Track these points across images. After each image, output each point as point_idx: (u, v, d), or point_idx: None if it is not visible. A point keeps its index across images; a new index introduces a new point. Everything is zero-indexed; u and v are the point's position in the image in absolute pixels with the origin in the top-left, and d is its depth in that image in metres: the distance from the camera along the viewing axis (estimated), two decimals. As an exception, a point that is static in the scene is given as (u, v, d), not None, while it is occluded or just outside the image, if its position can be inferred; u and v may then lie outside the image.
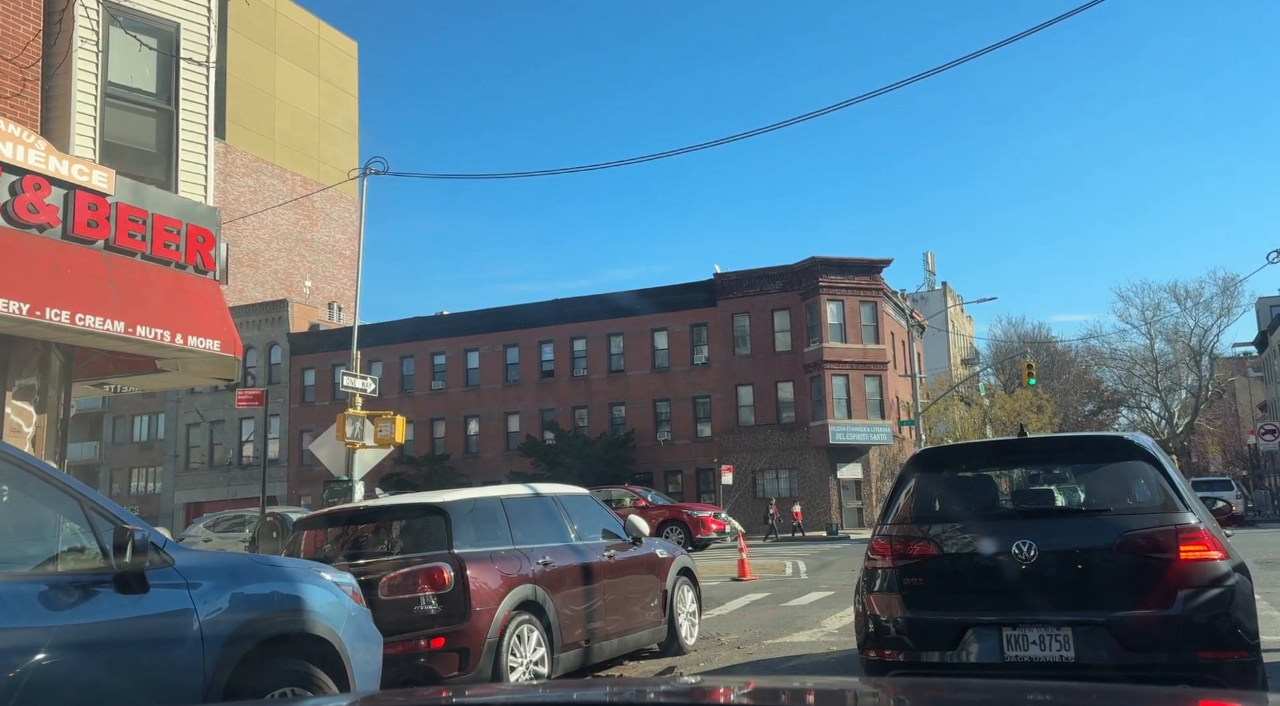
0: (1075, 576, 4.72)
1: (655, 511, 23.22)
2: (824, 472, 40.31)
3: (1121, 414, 76.38)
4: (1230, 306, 66.66)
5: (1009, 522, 5.10)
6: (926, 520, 5.22)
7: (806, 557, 19.74)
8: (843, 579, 14.49)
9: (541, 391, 46.23)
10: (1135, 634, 4.55)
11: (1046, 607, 4.65)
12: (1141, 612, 4.56)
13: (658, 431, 43.88)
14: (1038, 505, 5.42)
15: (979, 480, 5.67)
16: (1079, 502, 5.66)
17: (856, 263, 41.30)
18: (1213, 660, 4.47)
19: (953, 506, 5.33)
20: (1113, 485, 5.23)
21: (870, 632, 5.06)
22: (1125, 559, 4.66)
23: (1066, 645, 4.58)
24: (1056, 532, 4.90)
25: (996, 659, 4.68)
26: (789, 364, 41.43)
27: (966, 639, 4.74)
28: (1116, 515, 4.89)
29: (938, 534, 5.08)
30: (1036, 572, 4.69)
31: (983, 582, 4.84)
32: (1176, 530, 4.64)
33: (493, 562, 6.04)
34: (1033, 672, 4.61)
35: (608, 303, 45.37)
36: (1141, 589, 4.61)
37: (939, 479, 5.56)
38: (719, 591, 13.43)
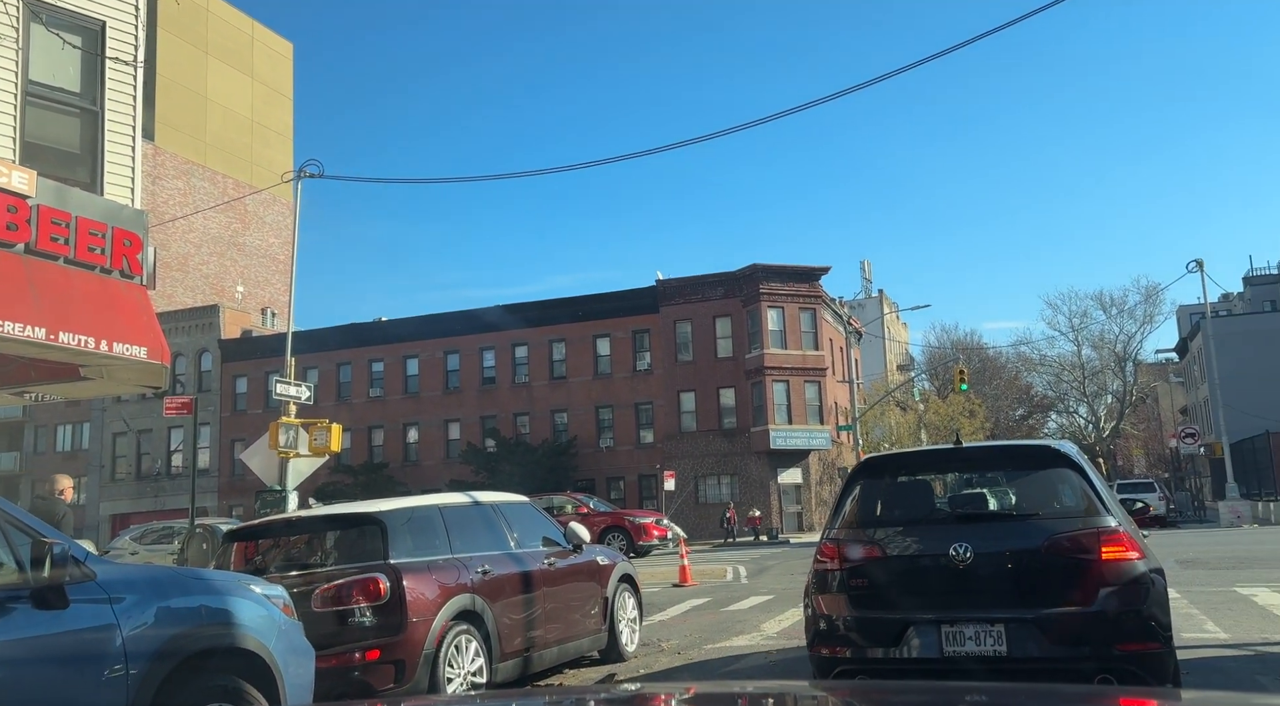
0: (1007, 576, 5.02)
1: (597, 518, 23.16)
2: (765, 477, 40.70)
3: (1051, 418, 78.61)
4: (1153, 314, 69.09)
5: (946, 526, 5.39)
6: (871, 524, 5.49)
7: (747, 562, 19.88)
8: (782, 583, 14.63)
9: (483, 398, 45.85)
10: (1061, 629, 4.86)
11: (981, 606, 4.96)
12: (1066, 609, 4.87)
13: (600, 438, 43.84)
14: (972, 510, 5.75)
15: (918, 486, 5.97)
16: (1010, 507, 5.96)
17: (796, 270, 41.85)
18: (1130, 652, 4.80)
19: (895, 511, 5.63)
20: (1041, 490, 5.55)
21: (819, 631, 5.33)
22: (1052, 559, 4.97)
23: (1000, 640, 4.87)
24: (989, 535, 5.18)
25: (936, 654, 4.97)
26: (730, 370, 41.77)
27: (908, 636, 5.03)
28: (1044, 519, 5.21)
29: (881, 537, 5.36)
30: (972, 573, 4.99)
31: (923, 583, 5.16)
32: (1098, 533, 4.98)
33: (430, 572, 5.97)
34: (969, 666, 4.89)
35: (550, 309, 45.23)
36: (1067, 587, 4.93)
37: (882, 485, 5.87)
38: (661, 597, 13.46)
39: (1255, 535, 21.42)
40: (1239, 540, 19.49)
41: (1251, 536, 20.76)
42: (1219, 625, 8.07)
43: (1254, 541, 18.64)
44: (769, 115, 40.00)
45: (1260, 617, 8.34)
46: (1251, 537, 20.21)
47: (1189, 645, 7.28)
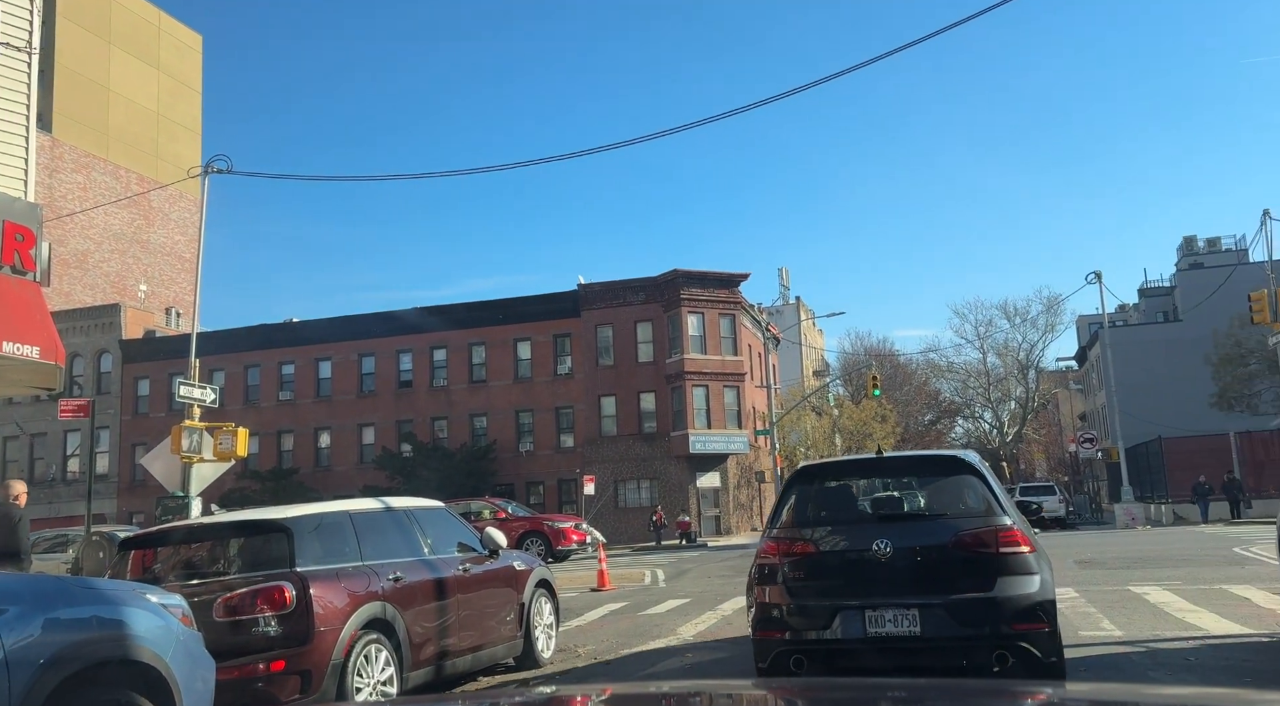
0: (920, 567, 5.79)
1: (516, 523, 22.94)
2: (684, 481, 40.96)
3: (958, 423, 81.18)
4: (1054, 324, 71.96)
5: (869, 525, 6.15)
6: (805, 524, 6.26)
7: (665, 566, 19.96)
8: (699, 586, 14.72)
9: (399, 402, 45.02)
10: (965, 612, 5.64)
11: (899, 593, 5.74)
12: (970, 595, 5.65)
13: (520, 442, 43.50)
14: (891, 511, 6.48)
15: (845, 490, 6.78)
16: (923, 508, 6.73)
17: (716, 276, 42.30)
18: (1023, 631, 5.57)
19: (825, 512, 6.43)
20: (948, 494, 6.36)
21: (761, 618, 6.03)
22: (958, 553, 5.78)
23: (914, 622, 5.66)
24: (906, 533, 5.97)
25: (860, 635, 5.73)
26: (651, 375, 41.94)
27: (837, 620, 5.79)
28: (951, 518, 6.02)
29: (814, 536, 6.13)
30: (891, 565, 5.78)
31: (850, 574, 5.91)
32: (997, 530, 5.78)
33: (339, 580, 5.81)
34: (888, 645, 5.71)
35: (470, 312, 44.72)
36: (970, 576, 5.70)
37: (814, 490, 6.66)
38: (578, 602, 13.39)
39: (1148, 536, 22.50)
40: (1133, 541, 20.44)
41: (1144, 538, 21.80)
42: (1114, 623, 8.42)
43: (1146, 542, 19.55)
44: (684, 124, 41.02)
45: (1152, 615, 8.74)
46: (1144, 539, 21.23)
47: (1087, 642, 7.58)
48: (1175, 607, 9.05)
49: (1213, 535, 20.47)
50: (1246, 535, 18.75)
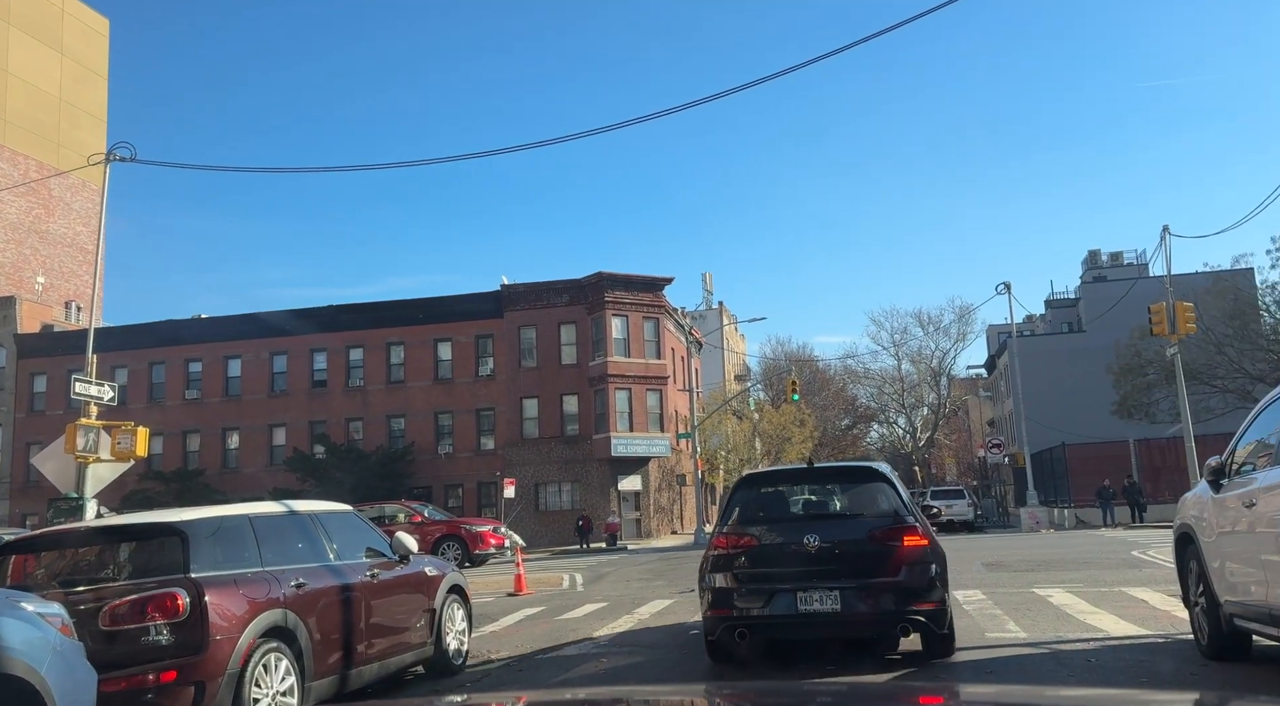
0: (841, 557, 6.92)
1: (432, 527, 22.48)
2: (605, 484, 40.84)
3: (873, 429, 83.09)
4: (965, 332, 74.39)
5: (800, 523, 7.48)
6: (749, 522, 7.40)
7: (584, 569, 19.80)
8: (617, 590, 14.62)
9: (312, 402, 43.82)
10: (876, 593, 6.82)
11: (824, 578, 6.85)
12: (879, 579, 6.84)
13: (439, 444, 42.78)
14: (818, 511, 7.86)
15: (781, 494, 8.03)
16: (844, 509, 7.84)
17: (641, 279, 42.35)
18: (921, 609, 6.78)
19: (764, 512, 7.62)
20: (864, 498, 7.53)
21: (712, 600, 7.15)
22: (871, 546, 6.97)
23: (835, 602, 6.79)
24: (829, 529, 7.16)
25: (792, 612, 6.85)
26: (574, 377, 41.73)
27: (774, 599, 6.90)
28: (866, 518, 7.23)
29: (756, 531, 7.27)
30: (818, 555, 6.92)
31: (784, 562, 7.02)
32: (902, 528, 7.00)
33: (237, 586, 5.53)
34: (814, 620, 6.85)
35: (388, 311, 43.83)
36: (880, 564, 6.89)
37: (756, 493, 7.87)
38: (494, 607, 13.17)
39: (1051, 540, 23.29)
40: (1037, 544, 21.09)
41: (1048, 541, 22.54)
42: (1019, 624, 8.62)
43: (1050, 545, 20.20)
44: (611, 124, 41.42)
45: (1055, 617, 8.98)
46: (1048, 542, 21.94)
47: (994, 644, 7.74)
48: (1077, 609, 9.32)
49: (1112, 539, 21.28)
50: (1144, 539, 19.57)
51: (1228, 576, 5.72)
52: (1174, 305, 21.81)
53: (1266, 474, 5.22)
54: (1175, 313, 21.67)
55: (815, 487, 8.53)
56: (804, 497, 8.44)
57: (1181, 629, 7.78)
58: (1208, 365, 33.84)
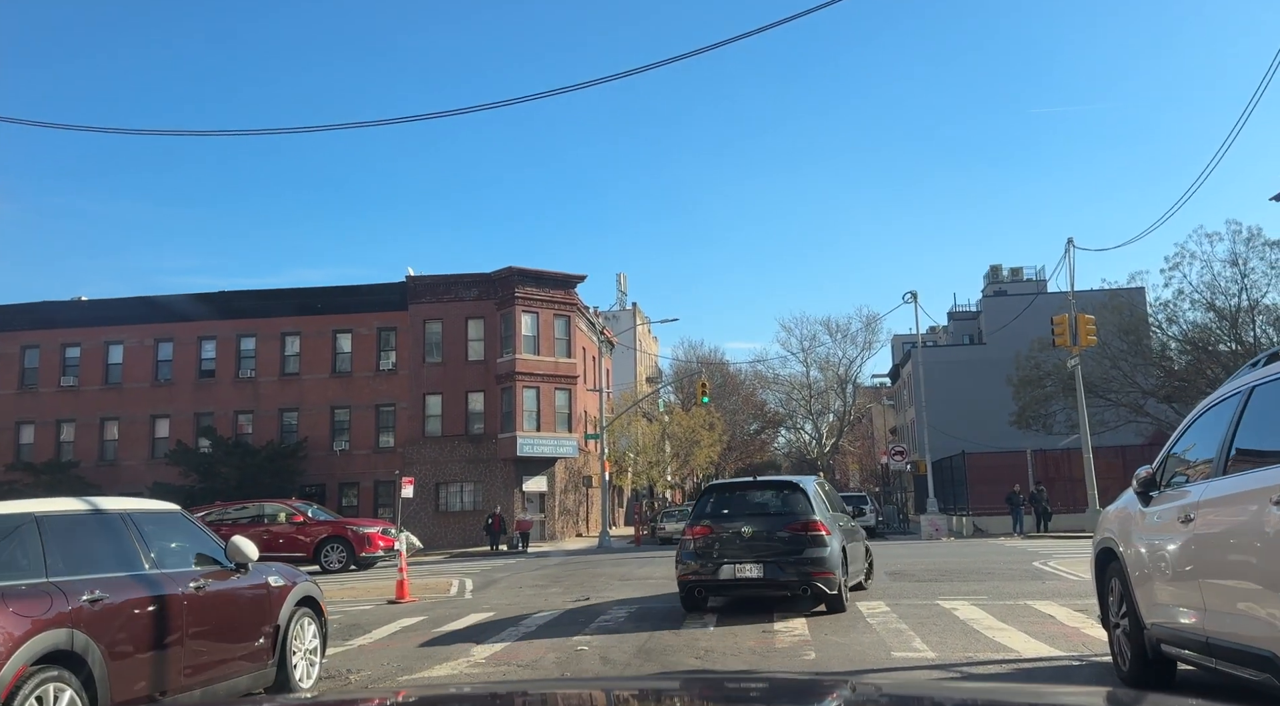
0: (768, 541, 10.38)
1: (315, 528, 21.10)
2: (510, 485, 39.73)
3: (781, 434, 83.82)
4: (871, 341, 75.67)
5: (741, 518, 10.74)
6: (709, 517, 10.94)
7: (476, 574, 18.79)
8: (507, 597, 13.72)
9: (199, 393, 41.48)
10: (789, 566, 10.17)
11: (753, 555, 10.35)
12: (791, 557, 10.20)
13: (335, 440, 40.99)
14: (754, 510, 11.02)
15: (732, 497, 11.42)
16: (771, 509, 10.99)
17: (553, 276, 41.39)
18: (818, 576, 10.08)
19: (720, 509, 11.08)
20: (788, 502, 10.89)
21: (682, 568, 10.72)
22: (786, 533, 10.38)
23: (759, 571, 10.25)
24: (759, 522, 10.61)
25: (731, 577, 10.33)
26: (481, 374, 40.50)
27: (722, 569, 10.36)
28: (786, 515, 10.65)
29: (712, 523, 10.75)
30: (752, 540, 10.43)
31: (728, 544, 10.48)
32: (809, 522, 10.34)
33: (4, 602, 4.49)
34: (744, 583, 10.37)
35: (285, 299, 41.82)
36: (791, 546, 10.26)
37: (716, 495, 11.53)
38: (370, 616, 12.12)
39: (952, 548, 23.16)
40: (939, 553, 20.91)
41: (949, 549, 22.37)
42: (926, 642, 8.09)
43: (952, 554, 20.03)
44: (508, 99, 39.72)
45: (963, 634, 8.49)
46: (949, 550, 21.77)
47: (901, 665, 7.16)
48: (985, 625, 8.87)
49: (1013, 549, 21.26)
50: (1044, 549, 19.60)
51: (1156, 598, 5.22)
52: (1076, 317, 22.07)
53: (1206, 485, 4.70)
54: (1077, 325, 21.91)
55: (755, 494, 11.41)
56: (747, 499, 11.30)
57: (1095, 649, 7.36)
58: (1103, 379, 34.79)
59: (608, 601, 12.45)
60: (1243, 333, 32.50)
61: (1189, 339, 33.52)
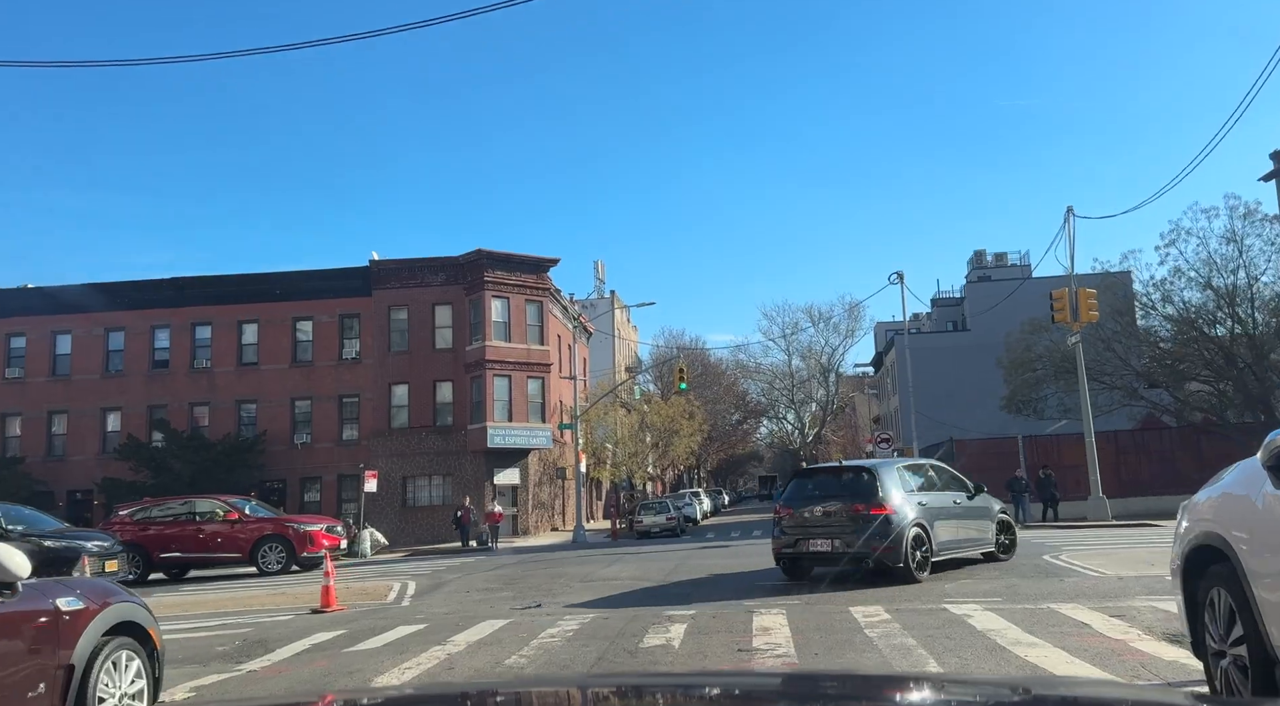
0: (837, 520, 12.16)
1: (252, 525, 19.23)
2: (480, 478, 37.95)
3: (763, 424, 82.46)
4: (854, 329, 74.41)
5: (817, 499, 12.66)
6: (792, 498, 13.06)
7: (426, 575, 17.03)
8: (449, 605, 11.98)
9: (152, 384, 39.39)
10: (856, 541, 11.74)
11: (825, 532, 12.20)
12: (857, 534, 11.76)
13: (295, 433, 39.01)
14: (826, 492, 12.67)
15: (813, 480, 13.40)
16: (841, 491, 12.44)
17: (524, 259, 39.55)
18: (877, 551, 11.58)
19: (802, 491, 13.10)
20: (857, 484, 12.40)
21: (776, 543, 12.87)
22: (855, 513, 11.97)
23: (830, 545, 12.09)
24: (834, 503, 12.36)
25: (806, 551, 12.37)
26: (449, 362, 38.65)
27: (799, 543, 12.41)
28: (855, 497, 12.16)
29: (795, 504, 12.82)
30: (823, 519, 12.35)
31: (806, 522, 12.45)
32: (869, 504, 12.00)
33: None
34: (820, 555, 12.41)
35: (241, 285, 39.75)
36: (858, 525, 11.85)
37: (801, 480, 13.66)
38: (281, 630, 10.37)
39: None
40: None
41: None
42: (943, 664, 6.43)
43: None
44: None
45: (987, 651, 6.80)
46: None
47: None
48: (1011, 639, 7.21)
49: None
50: (1050, 540, 17.94)
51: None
52: (1076, 292, 20.48)
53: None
54: (1078, 300, 20.33)
55: (833, 478, 12.91)
56: (825, 482, 12.90)
57: (1161, 673, 5.74)
58: (1096, 361, 33.33)
59: (561, 608, 10.77)
60: (1240, 311, 31.14)
61: (1184, 319, 32.13)
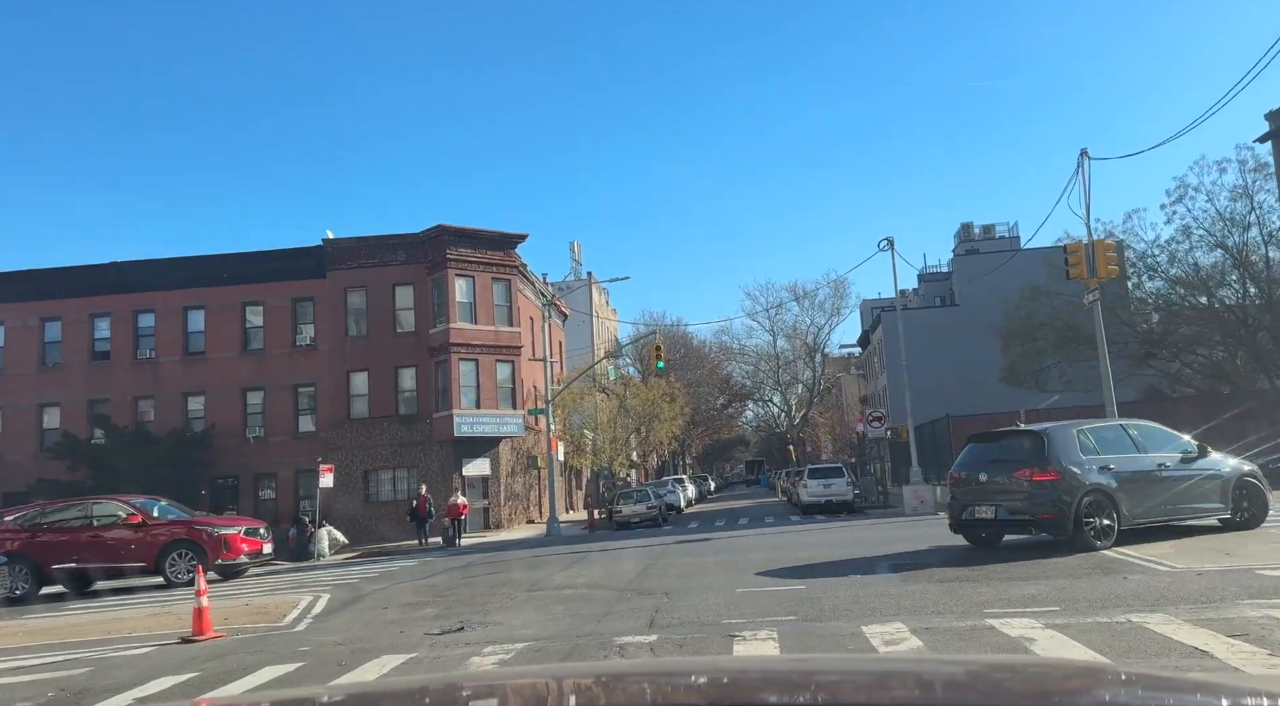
0: (1000, 486, 12.07)
1: (158, 529, 16.68)
2: (448, 469, 35.50)
3: (749, 407, 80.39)
4: (840, 306, 72.47)
5: (984, 465, 12.56)
6: (961, 465, 13.04)
7: (350, 584, 14.53)
8: (351, 629, 9.51)
9: (93, 377, 36.66)
10: (1020, 508, 11.75)
11: (989, 499, 12.18)
12: (1020, 499, 11.74)
13: (248, 426, 36.40)
14: (993, 457, 12.57)
15: (982, 446, 13.13)
16: (1012, 457, 12.27)
17: (489, 235, 36.97)
18: (1042, 518, 11.50)
19: (970, 458, 12.96)
20: (1026, 449, 12.11)
21: (949, 511, 13.16)
22: (1018, 479, 11.80)
23: (993, 512, 12.08)
24: (999, 469, 12.25)
25: (972, 518, 12.43)
26: (411, 347, 36.11)
27: (963, 511, 12.55)
28: (1020, 461, 11.97)
29: (963, 471, 12.85)
30: (987, 485, 12.27)
31: (972, 489, 12.51)
32: (1034, 470, 11.65)
33: None
34: (982, 523, 12.38)
35: (186, 269, 37.03)
36: (1021, 490, 11.73)
37: (972, 446, 13.35)
38: (125, 670, 7.96)
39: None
40: (946, 534, 16.85)
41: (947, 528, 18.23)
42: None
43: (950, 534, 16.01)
44: None
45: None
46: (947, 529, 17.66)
47: None
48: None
49: None
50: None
51: None
52: (1093, 244, 18.20)
53: None
54: (1095, 253, 18.06)
55: (1001, 443, 12.71)
56: (993, 448, 12.68)
57: None
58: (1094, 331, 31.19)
59: (487, 633, 8.38)
60: (1255, 270, 29.06)
61: (1193, 281, 30.03)
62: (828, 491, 33.87)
